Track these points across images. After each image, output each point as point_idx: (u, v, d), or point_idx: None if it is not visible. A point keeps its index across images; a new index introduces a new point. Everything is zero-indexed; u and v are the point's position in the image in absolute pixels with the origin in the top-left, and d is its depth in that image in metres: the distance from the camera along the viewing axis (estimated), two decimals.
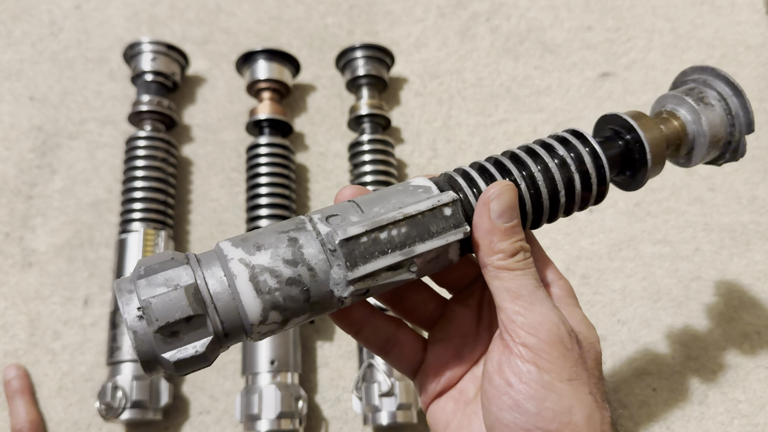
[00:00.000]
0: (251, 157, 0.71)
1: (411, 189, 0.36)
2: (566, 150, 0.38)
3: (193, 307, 0.30)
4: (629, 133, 0.40)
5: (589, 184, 0.38)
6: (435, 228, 0.34)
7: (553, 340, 0.32)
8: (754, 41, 0.81)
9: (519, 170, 0.37)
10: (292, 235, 0.33)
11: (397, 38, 0.82)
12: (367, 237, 0.33)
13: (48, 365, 0.66)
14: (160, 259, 0.32)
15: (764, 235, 0.70)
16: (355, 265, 0.32)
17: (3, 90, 0.79)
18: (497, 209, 0.34)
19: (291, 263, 0.32)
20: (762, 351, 0.65)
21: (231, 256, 0.32)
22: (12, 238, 0.72)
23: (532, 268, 0.35)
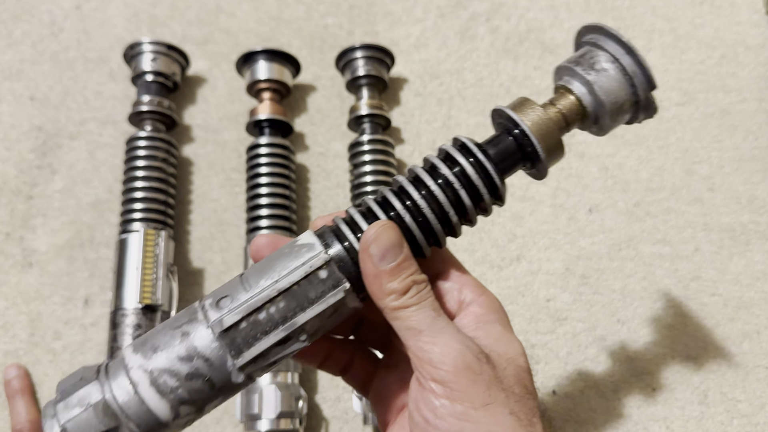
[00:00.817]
0: (251, 158, 0.71)
1: (296, 250, 0.35)
2: (449, 168, 0.37)
3: (105, 423, 0.33)
4: (515, 127, 0.37)
5: (479, 195, 0.37)
6: (314, 294, 0.34)
7: (459, 369, 0.32)
8: (754, 41, 0.81)
9: (403, 201, 0.36)
10: (185, 329, 0.34)
11: (397, 38, 0.83)
12: (246, 322, 0.33)
13: (48, 365, 0.66)
14: (73, 380, 0.34)
15: (764, 235, 0.71)
16: (240, 353, 0.33)
17: (3, 90, 0.79)
18: (378, 253, 0.34)
19: (186, 359, 0.33)
20: (761, 351, 0.65)
21: (131, 364, 0.34)
22: (12, 238, 0.72)
23: (428, 299, 0.34)
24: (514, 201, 0.73)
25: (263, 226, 0.67)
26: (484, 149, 0.37)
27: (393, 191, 0.37)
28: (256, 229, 0.68)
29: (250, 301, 0.33)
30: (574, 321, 0.67)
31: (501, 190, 0.37)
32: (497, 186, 0.37)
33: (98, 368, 0.35)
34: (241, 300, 0.34)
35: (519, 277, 0.69)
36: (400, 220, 0.36)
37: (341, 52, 0.75)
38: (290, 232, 0.68)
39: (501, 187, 0.37)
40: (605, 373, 0.65)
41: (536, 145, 0.37)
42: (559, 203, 0.73)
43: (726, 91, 0.78)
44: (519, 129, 0.37)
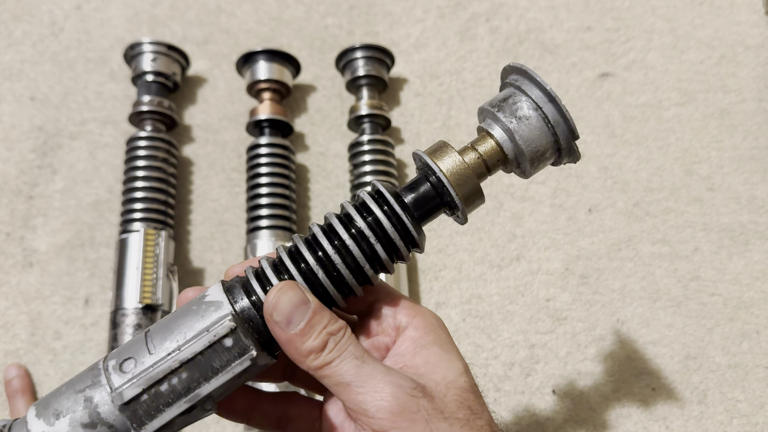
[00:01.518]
0: (251, 158, 0.71)
1: (203, 308, 0.34)
2: (364, 218, 0.35)
3: None
4: (432, 174, 0.36)
5: (395, 247, 0.35)
6: (218, 363, 0.33)
7: (395, 413, 0.31)
8: (753, 41, 0.81)
9: (316, 254, 0.35)
10: (88, 393, 0.33)
11: (397, 39, 0.83)
12: (147, 394, 0.32)
13: (49, 365, 0.66)
14: None
15: (763, 234, 0.71)
16: (142, 425, 0.32)
17: (4, 90, 0.79)
18: (282, 319, 0.33)
19: (89, 426, 0.32)
20: (761, 350, 0.65)
21: (34, 429, 0.32)
22: (13, 238, 0.72)
23: (349, 348, 0.33)
24: (514, 201, 0.73)
25: (263, 226, 0.67)
26: (400, 197, 0.36)
27: (307, 241, 0.36)
28: (256, 228, 0.68)
29: (152, 372, 0.32)
30: (573, 321, 0.67)
31: (417, 239, 0.36)
32: (413, 236, 0.36)
33: (2, 428, 0.34)
34: (144, 366, 0.33)
35: (519, 277, 0.69)
36: (312, 275, 0.35)
37: (341, 52, 0.76)
38: (290, 232, 0.69)
39: (417, 236, 0.36)
40: (605, 373, 0.65)
41: (452, 194, 0.35)
42: (559, 203, 0.73)
43: (725, 92, 0.78)
44: (435, 176, 0.36)
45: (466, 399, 0.33)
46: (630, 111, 0.77)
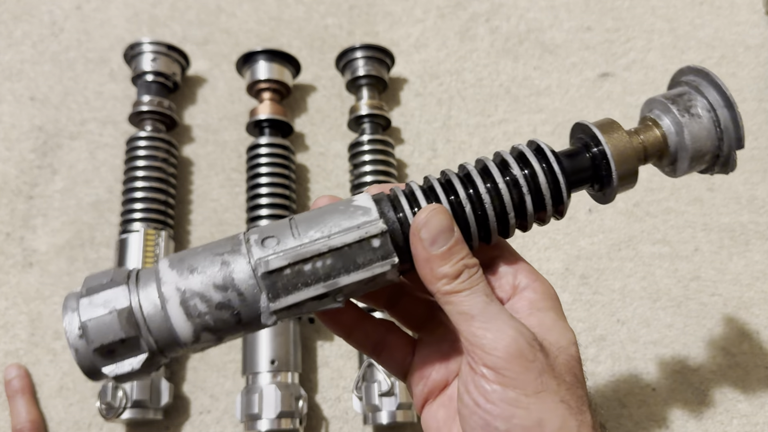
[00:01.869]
0: (251, 158, 0.71)
1: (351, 210, 0.35)
2: (521, 168, 0.36)
3: (125, 331, 0.32)
4: (596, 146, 0.37)
5: (543, 205, 0.36)
6: (362, 260, 0.34)
7: (512, 355, 0.32)
8: (754, 41, 0.81)
9: (467, 190, 0.36)
10: (226, 258, 0.33)
11: (397, 39, 0.83)
12: (291, 269, 0.33)
13: (49, 365, 0.66)
14: (102, 279, 0.34)
15: (763, 235, 0.71)
16: (277, 297, 0.33)
17: (4, 90, 0.79)
18: (428, 237, 0.34)
19: (221, 288, 0.33)
20: (761, 350, 0.65)
21: (165, 279, 0.33)
22: (13, 238, 0.72)
23: (480, 284, 0.34)
24: None
25: None
26: (559, 158, 0.37)
27: (459, 177, 0.37)
28: None
29: (299, 250, 0.33)
30: (573, 321, 0.67)
31: (565, 203, 0.37)
32: (563, 199, 0.36)
33: (129, 273, 0.34)
34: (288, 245, 0.33)
35: None
36: (459, 208, 0.36)
37: (341, 53, 0.76)
38: None
39: (566, 200, 0.37)
40: (605, 373, 0.65)
41: (613, 169, 0.37)
42: None
43: None
44: (599, 149, 0.37)
45: (574, 367, 0.34)
46: (630, 111, 0.77)
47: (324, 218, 0.35)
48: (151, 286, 0.33)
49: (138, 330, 0.32)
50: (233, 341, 0.68)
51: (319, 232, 0.34)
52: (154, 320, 0.33)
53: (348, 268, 0.33)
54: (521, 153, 0.37)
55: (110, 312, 0.32)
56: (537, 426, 0.31)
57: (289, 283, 0.33)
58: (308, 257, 0.33)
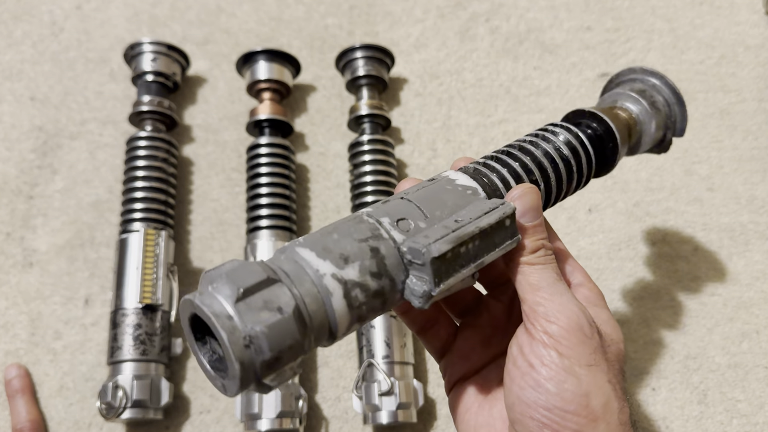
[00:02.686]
0: (251, 158, 0.71)
1: (460, 190, 0.37)
2: (565, 142, 0.42)
3: (299, 332, 0.29)
4: (600, 125, 0.45)
5: (582, 171, 0.43)
6: (498, 239, 0.35)
7: (572, 328, 0.34)
8: (753, 41, 0.81)
9: (545, 170, 0.41)
10: (373, 244, 0.32)
11: (397, 39, 0.83)
12: (452, 253, 0.32)
13: (49, 365, 0.66)
14: (252, 278, 0.29)
15: (763, 235, 0.71)
16: (440, 282, 0.32)
17: (4, 90, 0.80)
18: (521, 209, 0.36)
19: (377, 276, 0.32)
20: (761, 350, 0.65)
21: (322, 270, 0.31)
22: (13, 238, 0.72)
23: (553, 264, 0.36)
24: None
25: (263, 226, 0.67)
26: (592, 145, 0.44)
27: (524, 153, 0.41)
28: (256, 229, 0.68)
29: (455, 234, 0.33)
30: None
31: (593, 167, 0.45)
32: (592, 164, 0.44)
33: (269, 267, 0.30)
34: (424, 229, 0.34)
35: None
36: (545, 179, 0.41)
37: (341, 52, 0.76)
38: (290, 232, 0.69)
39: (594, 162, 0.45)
40: None
41: (618, 141, 0.46)
42: (559, 203, 0.73)
43: (725, 92, 0.78)
44: (605, 126, 0.46)
45: (621, 361, 0.37)
46: None
47: (439, 198, 0.36)
48: (306, 280, 0.30)
49: (305, 329, 0.29)
50: None
51: (447, 212, 0.35)
52: (318, 315, 0.30)
53: (489, 247, 0.34)
54: (564, 128, 0.44)
55: (280, 312, 0.28)
56: (585, 396, 0.33)
57: (450, 267, 0.33)
58: (465, 240, 0.33)
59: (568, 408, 0.33)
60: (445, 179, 0.37)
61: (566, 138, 0.43)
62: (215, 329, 0.27)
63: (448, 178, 0.37)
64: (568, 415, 0.33)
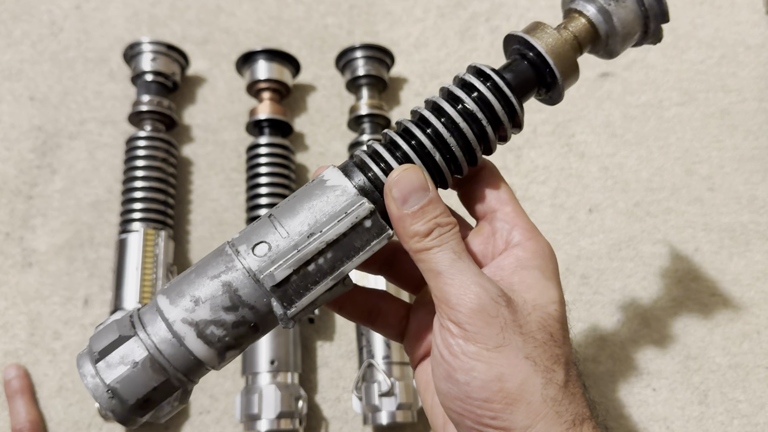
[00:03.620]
0: (251, 157, 0.71)
1: (327, 192, 0.35)
2: (468, 94, 0.37)
3: (155, 378, 0.32)
4: (530, 51, 0.38)
5: (500, 122, 0.37)
6: (359, 243, 0.34)
7: (474, 311, 0.33)
8: (754, 41, 0.81)
9: (424, 131, 0.36)
10: (224, 278, 0.33)
11: (397, 38, 0.82)
12: (296, 275, 0.33)
13: (48, 365, 0.66)
14: (108, 337, 0.33)
15: (764, 235, 0.71)
16: (291, 303, 0.33)
17: (3, 90, 0.79)
18: (400, 196, 0.35)
19: (232, 309, 0.33)
20: (762, 351, 0.65)
21: (172, 317, 0.33)
22: (12, 238, 0.72)
23: (450, 242, 0.35)
24: None
25: None
26: (502, 74, 0.37)
27: (414, 122, 0.37)
28: None
29: (298, 255, 0.33)
30: (574, 321, 0.67)
31: (520, 115, 0.37)
32: (516, 112, 0.37)
33: (131, 320, 0.34)
34: (281, 249, 0.33)
35: None
36: (422, 150, 0.36)
37: (341, 52, 0.75)
38: None
39: (520, 112, 0.37)
40: (605, 373, 0.65)
41: (553, 68, 0.37)
42: (559, 203, 0.73)
43: (726, 91, 0.78)
44: (535, 52, 0.37)
45: (550, 325, 0.34)
46: (630, 111, 0.77)
47: (303, 207, 0.35)
48: (160, 326, 0.33)
49: (166, 372, 0.33)
50: None
51: (306, 225, 0.34)
52: (177, 358, 0.33)
53: (349, 254, 0.34)
54: (464, 80, 0.37)
55: (133, 366, 0.32)
56: (497, 380, 0.32)
57: (298, 287, 0.33)
58: (309, 259, 0.33)
59: (479, 396, 0.32)
60: (317, 181, 0.36)
61: (479, 93, 0.37)
62: (87, 387, 0.32)
63: (321, 179, 0.36)
64: (481, 403, 0.32)
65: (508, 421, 0.32)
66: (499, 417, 0.32)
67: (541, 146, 0.76)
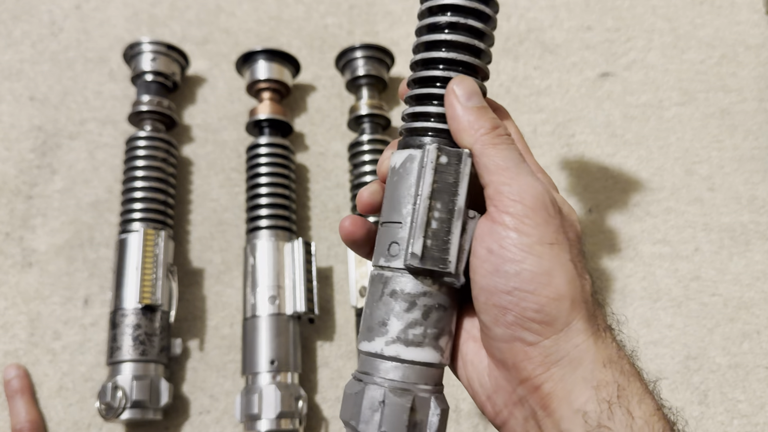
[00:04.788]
0: (251, 157, 0.71)
1: (403, 170, 0.36)
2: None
3: (403, 402, 0.33)
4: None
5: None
6: (452, 178, 0.35)
7: (537, 206, 0.33)
8: (754, 41, 0.81)
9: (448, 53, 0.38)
10: (387, 290, 0.35)
11: (397, 38, 0.82)
12: (428, 238, 0.34)
13: (48, 365, 0.66)
14: (350, 404, 0.35)
15: (764, 235, 0.71)
16: (446, 263, 0.34)
17: (3, 90, 0.79)
18: (464, 93, 0.36)
19: (411, 306, 0.35)
20: (761, 351, 0.65)
21: (378, 348, 0.35)
22: (12, 238, 0.72)
23: (515, 144, 0.36)
24: None
25: (263, 226, 0.67)
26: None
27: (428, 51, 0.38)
28: (255, 228, 0.68)
29: (417, 223, 0.34)
30: None
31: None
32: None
33: (355, 379, 0.36)
34: (406, 233, 0.35)
35: None
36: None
37: (341, 52, 0.75)
38: (290, 232, 0.68)
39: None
40: None
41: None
42: None
43: (726, 91, 0.78)
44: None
45: (581, 240, 0.36)
46: (630, 111, 0.77)
47: (395, 196, 0.36)
48: (376, 363, 0.35)
49: (409, 392, 0.34)
50: (233, 342, 0.68)
51: (407, 204, 0.35)
52: (408, 375, 0.35)
53: (452, 191, 0.35)
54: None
55: (381, 406, 0.34)
56: (546, 274, 0.32)
57: (439, 246, 0.34)
58: (426, 219, 0.34)
59: (527, 287, 0.32)
60: (392, 170, 0.37)
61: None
62: None
63: (391, 168, 0.37)
64: (527, 295, 0.32)
65: (551, 315, 0.32)
66: (543, 310, 0.32)
67: (542, 146, 0.76)
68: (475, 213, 0.35)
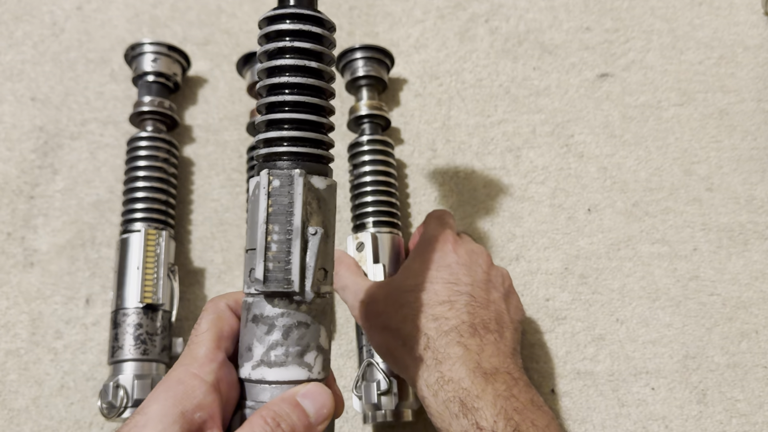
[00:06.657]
0: (252, 158, 0.71)
1: (255, 195, 0.37)
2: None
3: None
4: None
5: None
6: (287, 199, 0.36)
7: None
8: (753, 42, 0.81)
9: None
10: (250, 316, 0.37)
11: (397, 39, 0.83)
12: (269, 261, 0.36)
13: (50, 364, 0.67)
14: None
15: (762, 234, 0.71)
16: (290, 283, 0.35)
17: (5, 91, 0.80)
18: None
19: (271, 329, 0.36)
20: (760, 350, 0.66)
21: (245, 374, 0.37)
22: (14, 238, 0.72)
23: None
24: (513, 201, 0.73)
25: None
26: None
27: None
28: None
29: (257, 248, 0.35)
30: (572, 320, 0.68)
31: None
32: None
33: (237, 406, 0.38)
34: (256, 257, 0.36)
35: (518, 276, 0.70)
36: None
37: (341, 53, 0.76)
38: None
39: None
40: (604, 373, 0.65)
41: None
42: (558, 203, 0.73)
43: (725, 92, 0.78)
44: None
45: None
46: (629, 111, 0.78)
47: (251, 223, 0.38)
48: (249, 388, 0.37)
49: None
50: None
51: (258, 230, 0.36)
52: (271, 395, 0.37)
53: (288, 211, 0.36)
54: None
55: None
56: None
57: (281, 267, 0.36)
58: (264, 243, 0.36)
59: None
60: (247, 199, 0.40)
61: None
62: None
63: (248, 196, 0.40)
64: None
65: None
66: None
67: (540, 146, 0.76)
68: (316, 229, 0.36)
